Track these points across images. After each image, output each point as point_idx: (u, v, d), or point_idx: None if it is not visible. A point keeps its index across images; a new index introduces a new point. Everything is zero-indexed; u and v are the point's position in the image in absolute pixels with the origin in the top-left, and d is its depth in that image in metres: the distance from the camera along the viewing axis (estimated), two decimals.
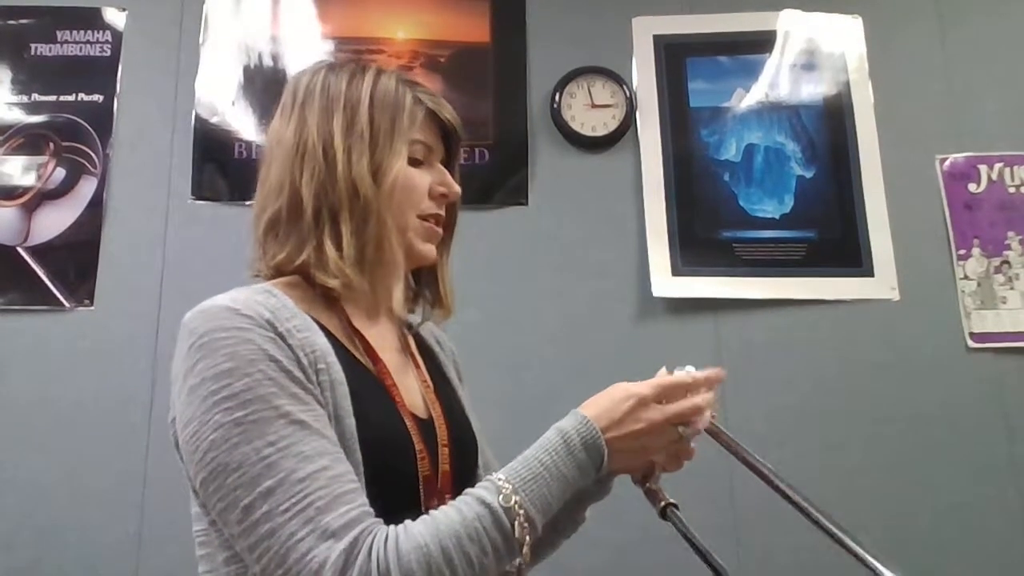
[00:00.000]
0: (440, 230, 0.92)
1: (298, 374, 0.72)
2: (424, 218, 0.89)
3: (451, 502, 0.70)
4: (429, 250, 0.90)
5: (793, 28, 2.07)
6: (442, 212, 0.91)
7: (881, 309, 1.91)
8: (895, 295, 1.91)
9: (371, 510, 0.69)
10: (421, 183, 0.88)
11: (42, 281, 1.86)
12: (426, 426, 0.84)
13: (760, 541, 1.73)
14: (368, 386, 0.80)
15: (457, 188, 0.92)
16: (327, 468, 0.68)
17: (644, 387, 0.77)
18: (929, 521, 1.77)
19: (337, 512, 0.66)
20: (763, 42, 2.07)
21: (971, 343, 1.88)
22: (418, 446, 0.80)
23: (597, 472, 0.75)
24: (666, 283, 1.91)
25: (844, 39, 2.07)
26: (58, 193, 1.91)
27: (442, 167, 0.92)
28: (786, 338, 1.89)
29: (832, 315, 1.91)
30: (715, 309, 1.91)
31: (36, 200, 1.91)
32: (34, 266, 1.87)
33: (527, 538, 0.68)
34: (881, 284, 1.92)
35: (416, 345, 0.99)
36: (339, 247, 0.81)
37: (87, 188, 1.91)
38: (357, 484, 0.69)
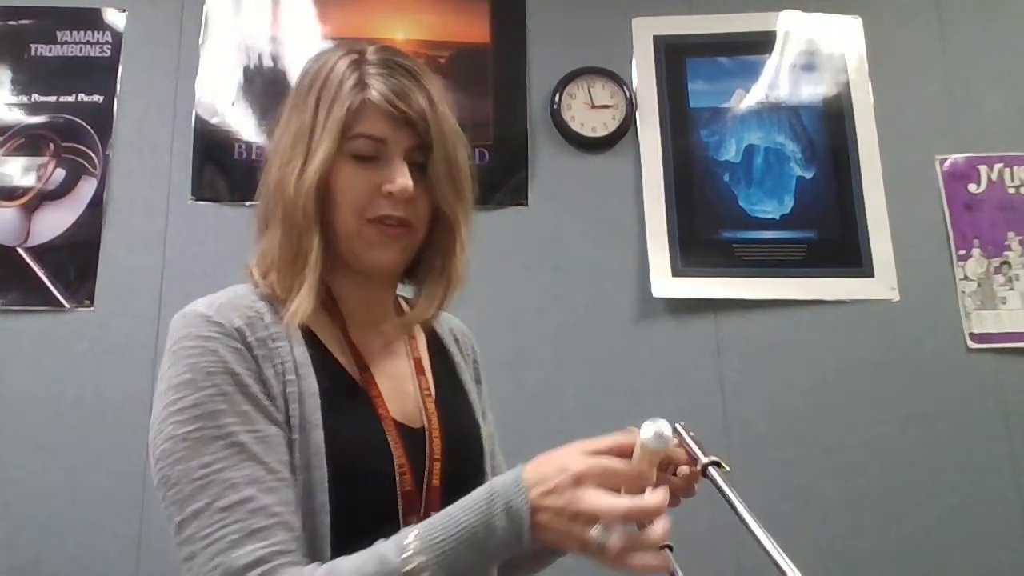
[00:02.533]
0: (398, 231, 0.80)
1: (255, 389, 0.71)
2: (375, 221, 0.79)
3: (360, 551, 0.66)
4: (378, 256, 0.80)
5: (793, 29, 2.07)
6: (395, 212, 0.78)
7: (881, 309, 1.91)
8: (895, 295, 1.91)
9: (286, 548, 0.67)
10: (361, 182, 0.78)
11: (42, 281, 1.86)
12: (416, 439, 0.80)
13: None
14: (347, 397, 0.78)
15: (402, 183, 0.77)
16: (251, 499, 0.67)
17: (585, 463, 0.63)
18: (929, 521, 1.77)
19: (245, 549, 0.65)
20: (763, 43, 2.07)
21: (971, 343, 1.88)
22: (399, 460, 0.77)
23: (519, 543, 0.63)
24: (666, 283, 1.91)
25: (844, 39, 2.07)
26: (58, 193, 1.91)
27: (399, 161, 0.78)
28: (786, 338, 1.89)
29: (832, 315, 1.91)
30: (715, 309, 1.91)
31: (36, 201, 1.90)
32: (34, 266, 1.87)
33: None
34: (881, 284, 1.92)
35: (429, 346, 0.94)
36: (271, 255, 0.79)
37: (87, 188, 1.91)
38: (278, 518, 0.68)
